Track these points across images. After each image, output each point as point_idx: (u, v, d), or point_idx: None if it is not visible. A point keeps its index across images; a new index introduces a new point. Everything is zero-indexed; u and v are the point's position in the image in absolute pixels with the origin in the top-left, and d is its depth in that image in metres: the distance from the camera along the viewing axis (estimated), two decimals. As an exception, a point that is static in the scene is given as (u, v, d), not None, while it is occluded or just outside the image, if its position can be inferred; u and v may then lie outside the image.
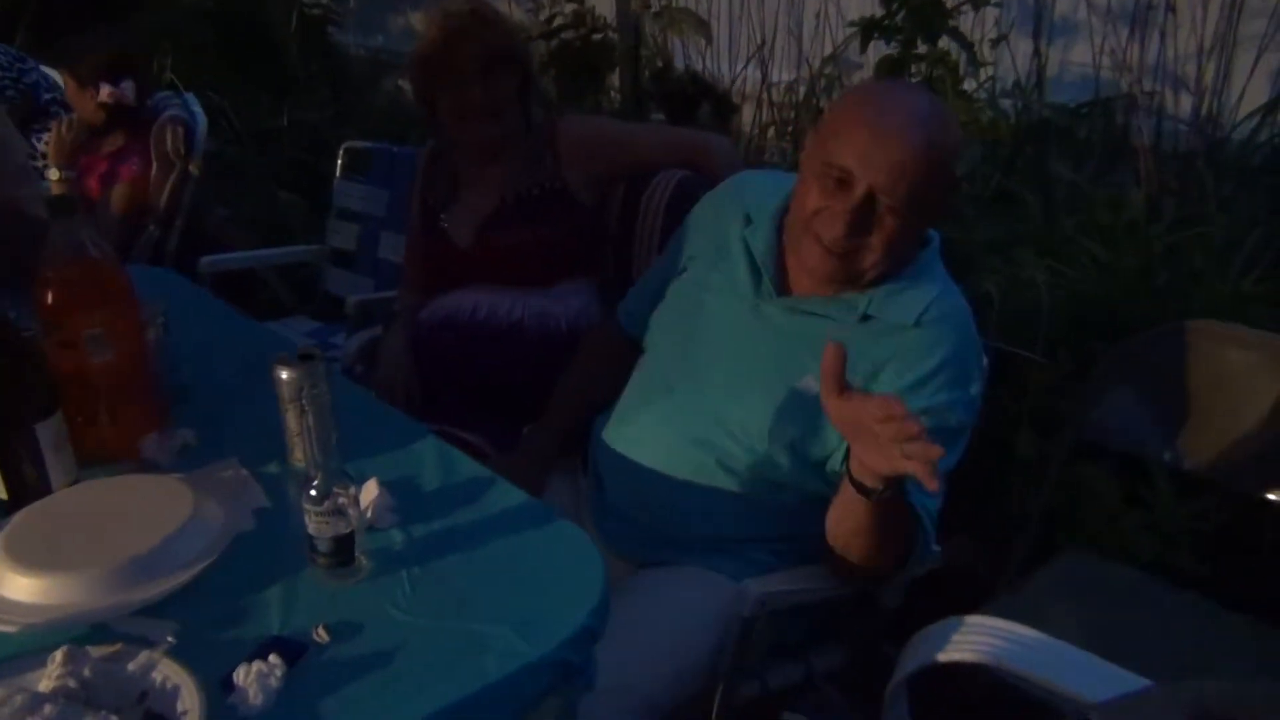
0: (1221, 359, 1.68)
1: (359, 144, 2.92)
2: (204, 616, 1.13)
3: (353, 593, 1.18)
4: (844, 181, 1.38)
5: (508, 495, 1.35)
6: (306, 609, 1.15)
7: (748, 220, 1.60)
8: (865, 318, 1.46)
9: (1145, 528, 1.91)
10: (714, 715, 1.42)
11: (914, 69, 2.16)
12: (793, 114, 3.68)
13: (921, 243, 1.52)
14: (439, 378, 2.08)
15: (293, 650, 1.06)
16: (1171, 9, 2.70)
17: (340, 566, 1.18)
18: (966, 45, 2.16)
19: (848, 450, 1.30)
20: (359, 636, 1.11)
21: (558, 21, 2.45)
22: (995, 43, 2.59)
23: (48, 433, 1.27)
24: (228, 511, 1.28)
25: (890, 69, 2.17)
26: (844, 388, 1.22)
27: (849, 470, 1.31)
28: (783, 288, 1.54)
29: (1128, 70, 2.90)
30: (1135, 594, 1.70)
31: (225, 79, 4.03)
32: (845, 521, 1.38)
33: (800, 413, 1.45)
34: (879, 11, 3.54)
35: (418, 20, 5.74)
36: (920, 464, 1.15)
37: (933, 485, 1.15)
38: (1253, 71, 2.87)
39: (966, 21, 2.20)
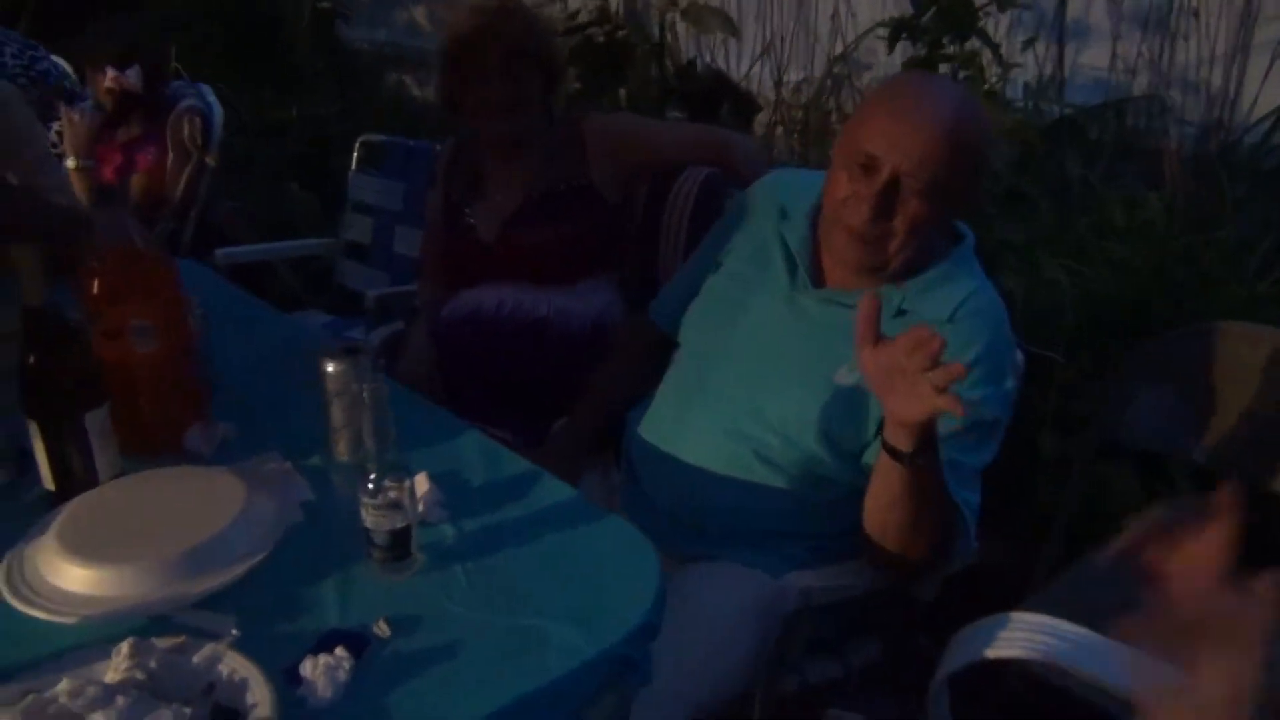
0: (1244, 358, 1.68)
1: (374, 138, 2.91)
2: (261, 609, 1.13)
3: (408, 586, 1.18)
4: (870, 167, 1.40)
5: (555, 490, 1.36)
6: (363, 602, 1.15)
7: (783, 215, 1.61)
8: (900, 312, 1.47)
9: (1169, 527, 1.91)
10: (757, 711, 1.43)
11: (942, 70, 2.17)
12: (801, 113, 3.69)
13: (955, 238, 1.54)
14: (462, 373, 2.08)
15: (357, 643, 1.06)
16: (1194, 13, 2.71)
17: (396, 560, 1.18)
18: (993, 46, 2.17)
19: (880, 428, 1.33)
20: (419, 630, 1.11)
21: (581, 17, 2.44)
22: (1026, 45, 2.60)
23: (96, 424, 1.27)
24: (277, 504, 1.28)
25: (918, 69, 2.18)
26: (878, 337, 1.24)
27: (884, 439, 1.32)
28: (818, 280, 1.55)
29: (1151, 72, 2.92)
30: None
31: (230, 71, 4.01)
32: (881, 496, 1.38)
33: (836, 403, 1.46)
34: (891, 13, 3.59)
35: (420, 15, 5.75)
36: (948, 397, 1.17)
37: (959, 411, 1.17)
38: (1266, 76, 2.88)
39: (990, 23, 2.20)
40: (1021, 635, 1.30)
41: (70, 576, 1.13)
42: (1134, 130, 3.08)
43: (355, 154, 2.89)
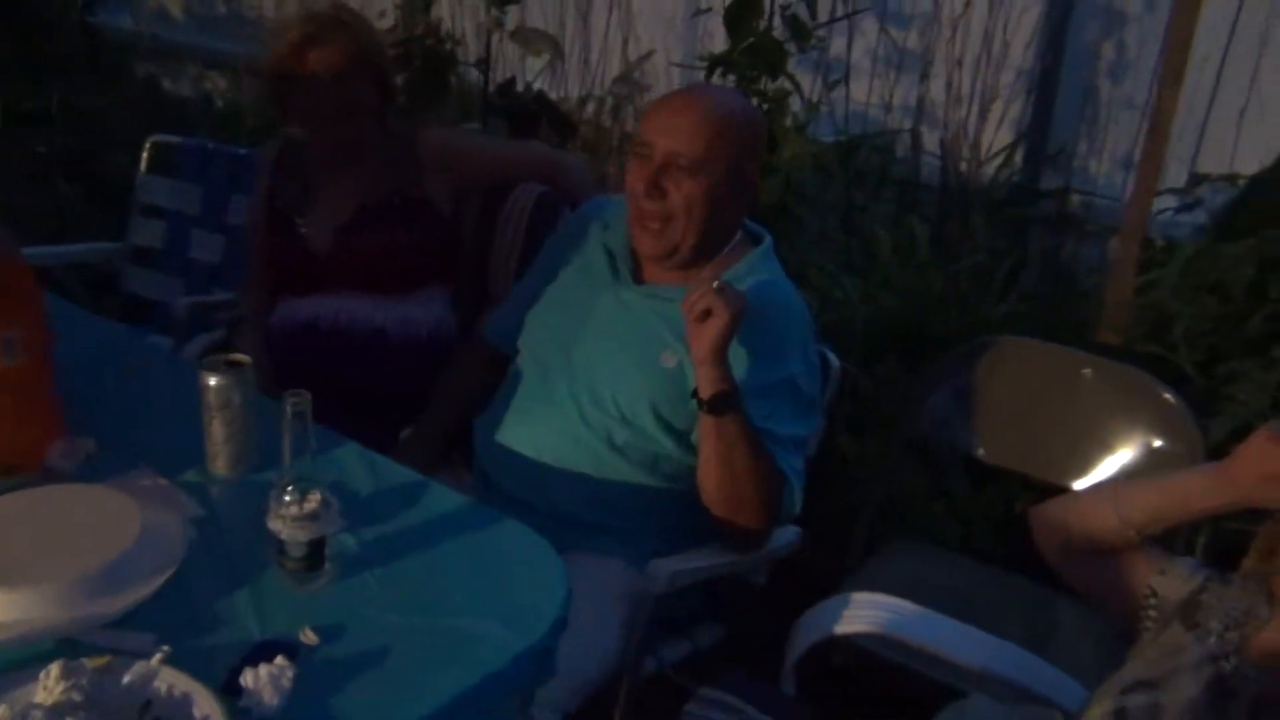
0: (1015, 367, 1.97)
1: (167, 139, 2.77)
2: (178, 625, 1.13)
3: (322, 596, 1.21)
4: (645, 155, 1.59)
5: (446, 498, 1.41)
6: (281, 612, 1.17)
7: (605, 227, 1.77)
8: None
9: (950, 515, 2.20)
10: (624, 692, 1.54)
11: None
12: (582, 128, 3.84)
13: (754, 240, 1.72)
14: (301, 385, 2.04)
15: (287, 652, 1.09)
16: (953, 60, 3.08)
17: (309, 571, 1.21)
18: (796, 85, 2.40)
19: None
20: (345, 637, 1.14)
21: (399, 31, 2.46)
22: (833, 85, 2.86)
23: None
24: (171, 518, 1.26)
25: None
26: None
27: (695, 397, 1.51)
28: (638, 278, 1.71)
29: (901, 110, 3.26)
30: (952, 571, 1.97)
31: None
32: (703, 452, 1.54)
33: (662, 384, 1.62)
34: (669, 36, 3.80)
35: (173, 3, 5.44)
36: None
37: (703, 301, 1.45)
38: (1002, 119, 3.30)
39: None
40: (865, 613, 1.50)
41: (-33, 602, 1.08)
42: (891, 161, 3.43)
43: (145, 154, 2.74)
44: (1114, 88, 3.22)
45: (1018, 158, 3.38)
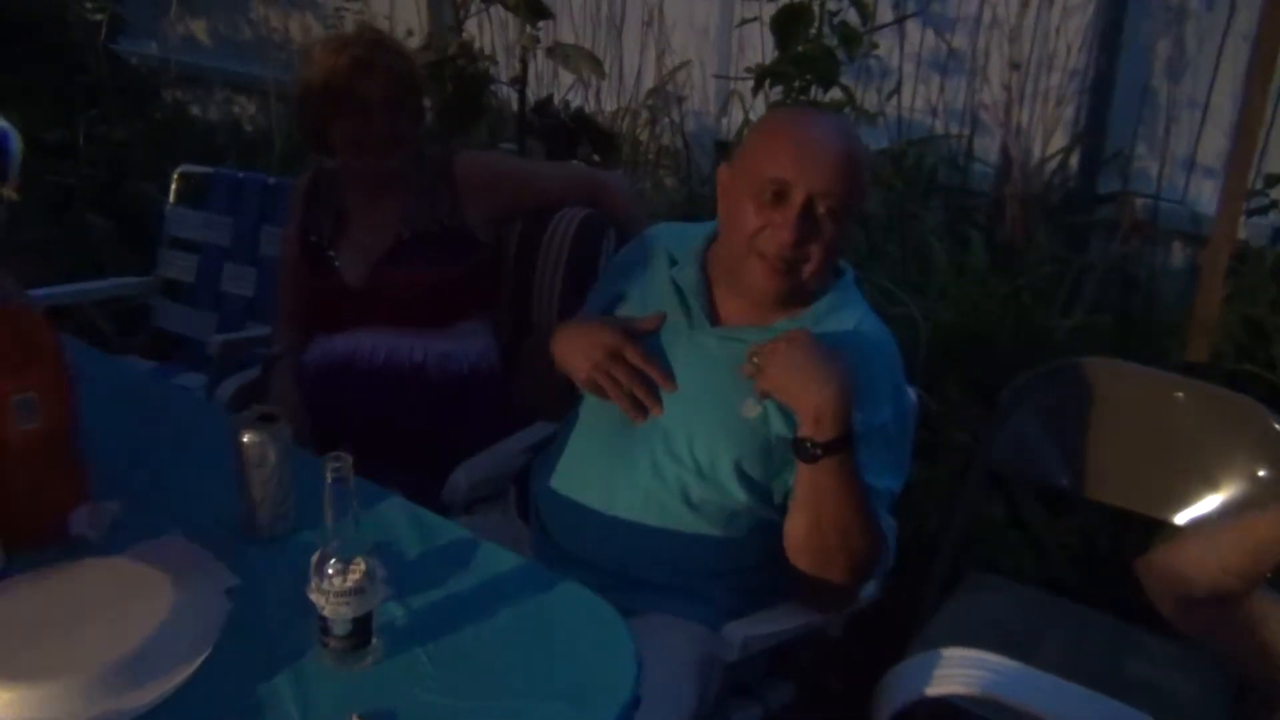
0: (1106, 392, 1.83)
1: (195, 169, 2.70)
2: (212, 717, 1.02)
3: (371, 676, 1.10)
4: (781, 194, 1.45)
5: (498, 558, 1.31)
6: (326, 698, 1.07)
7: (672, 262, 1.63)
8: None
9: (1026, 546, 2.06)
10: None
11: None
12: (621, 146, 3.75)
13: (836, 272, 1.60)
14: (337, 426, 1.95)
15: (336, 747, 0.98)
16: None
17: (355, 650, 1.10)
18: (851, 96, 2.28)
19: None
20: (398, 725, 1.03)
21: (431, 52, 2.37)
22: (890, 94, 2.74)
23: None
24: (205, 596, 1.16)
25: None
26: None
27: (799, 443, 1.38)
28: (714, 319, 1.58)
29: (947, 114, 3.13)
30: (1034, 610, 1.84)
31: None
32: (802, 509, 1.41)
33: (745, 437, 1.49)
34: (704, 47, 3.69)
35: (200, 29, 5.40)
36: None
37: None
38: (1056, 122, 3.17)
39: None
40: (959, 671, 1.36)
41: (-19, 699, 0.98)
42: (936, 168, 3.30)
43: (174, 186, 2.67)
44: (1173, 87, 3.08)
45: (1073, 161, 3.26)
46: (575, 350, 1.56)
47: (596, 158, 2.37)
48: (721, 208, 1.55)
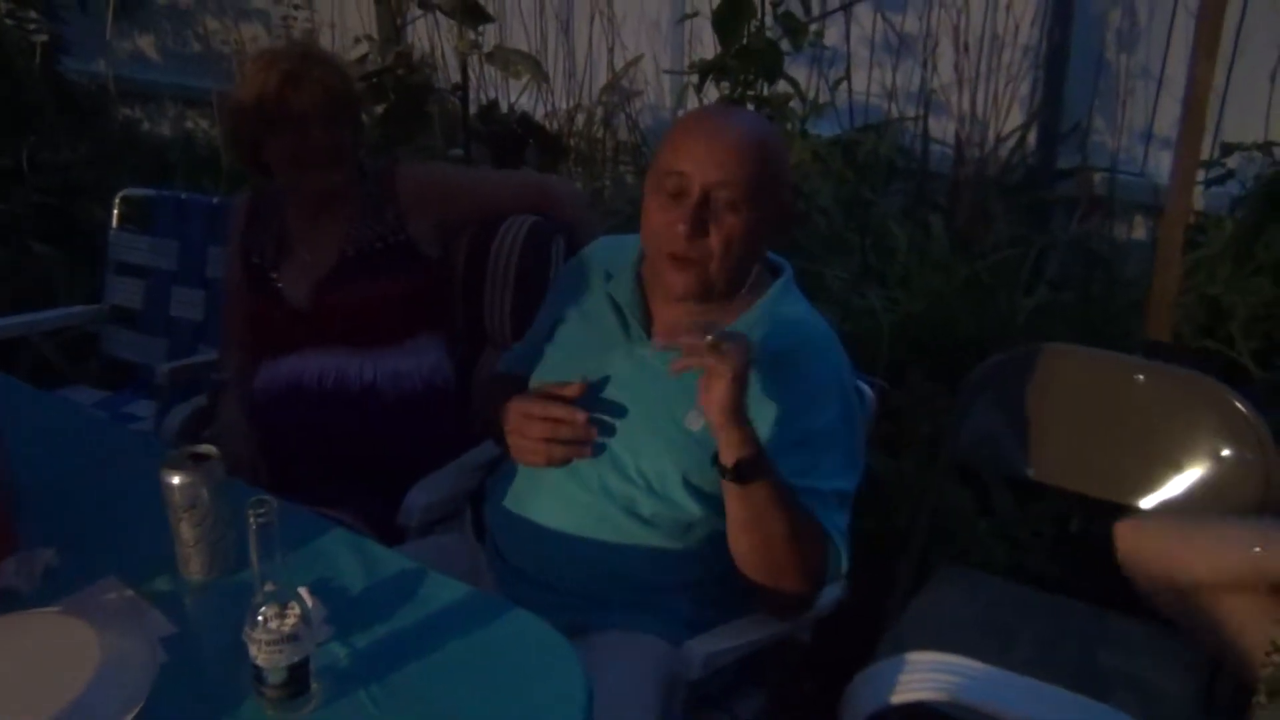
0: (1066, 377, 1.81)
1: (137, 192, 2.64)
2: (145, 777, 0.98)
3: (311, 723, 1.06)
4: (680, 190, 1.42)
5: (445, 588, 1.27)
6: (264, 750, 1.02)
7: (608, 277, 1.60)
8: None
9: (995, 536, 2.04)
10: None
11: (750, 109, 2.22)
12: (573, 141, 3.70)
13: (772, 270, 1.56)
14: (288, 452, 1.91)
15: (273, 804, 0.94)
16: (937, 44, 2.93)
17: (293, 698, 1.06)
18: (798, 88, 2.24)
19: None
20: (338, 774, 1.00)
21: (370, 61, 2.32)
22: (839, 82, 2.70)
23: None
24: (137, 646, 1.11)
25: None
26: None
27: (718, 466, 1.35)
28: (651, 333, 1.54)
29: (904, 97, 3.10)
30: (1006, 603, 1.82)
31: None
32: (736, 517, 1.39)
33: (690, 449, 1.46)
34: (656, 42, 3.65)
35: (148, 45, 5.31)
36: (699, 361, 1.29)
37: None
38: (1011, 99, 3.14)
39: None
40: (924, 676, 1.33)
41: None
42: (894, 151, 3.27)
43: (116, 210, 2.61)
44: (1128, 58, 3.07)
45: (1030, 138, 3.24)
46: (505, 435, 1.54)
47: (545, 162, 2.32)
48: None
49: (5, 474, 1.31)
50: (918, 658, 1.38)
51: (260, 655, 1.04)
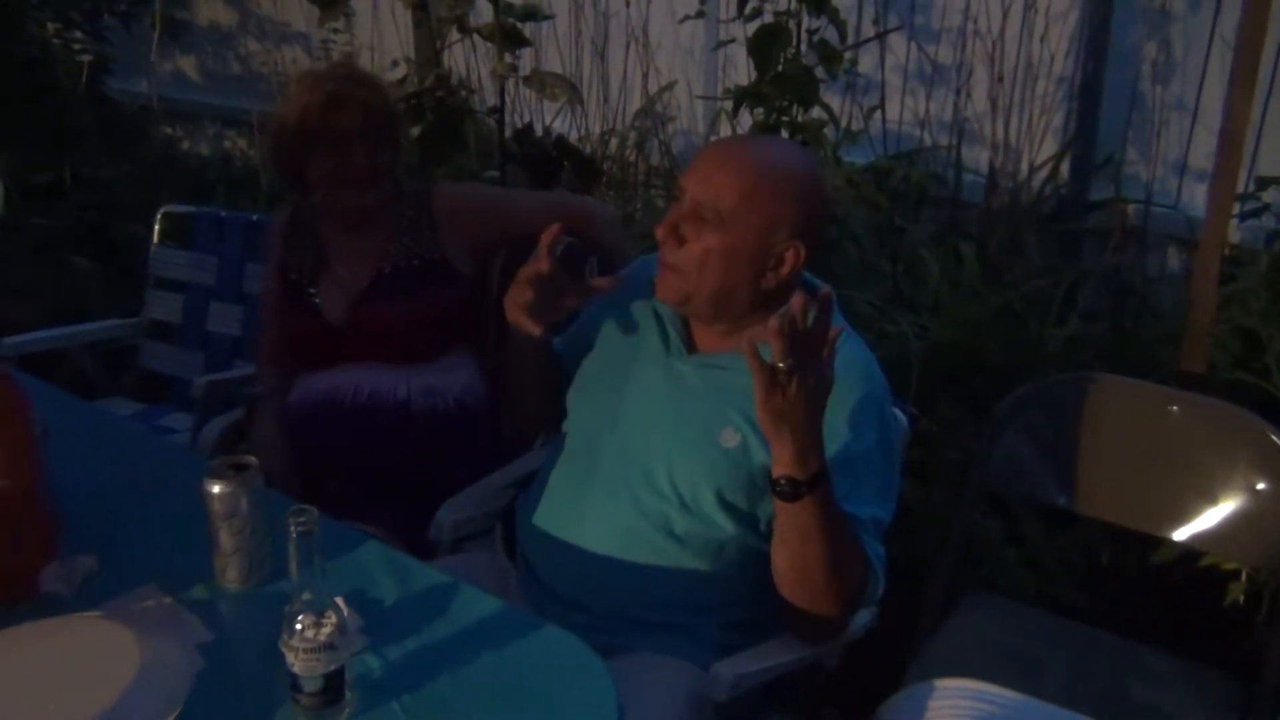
0: (1097, 406, 1.80)
1: (179, 208, 2.69)
2: (182, 782, 1.00)
3: (345, 732, 1.07)
4: (678, 201, 1.46)
5: (478, 603, 1.28)
6: (298, 758, 1.03)
7: (653, 290, 1.60)
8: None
9: (1024, 564, 2.03)
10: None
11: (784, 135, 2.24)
12: (606, 165, 3.73)
13: (811, 292, 1.56)
14: (320, 466, 1.94)
15: (306, 811, 0.95)
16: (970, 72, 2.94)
17: (328, 706, 1.07)
18: (833, 115, 2.26)
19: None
20: (371, 784, 1.01)
21: (409, 84, 2.37)
22: (873, 110, 2.72)
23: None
24: (175, 652, 1.13)
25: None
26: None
27: (775, 482, 1.32)
28: (691, 347, 1.55)
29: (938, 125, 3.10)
30: (1034, 632, 1.81)
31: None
32: (784, 545, 1.37)
33: (725, 466, 1.46)
34: (690, 67, 3.68)
35: (189, 66, 5.41)
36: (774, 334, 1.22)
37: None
38: (1045, 130, 3.14)
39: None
40: (955, 703, 1.33)
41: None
42: (927, 179, 3.27)
43: (157, 226, 2.66)
44: (1162, 91, 3.06)
45: (1063, 169, 3.24)
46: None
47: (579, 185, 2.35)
48: None
49: (43, 484, 1.33)
50: (948, 684, 1.37)
51: (297, 663, 1.05)
